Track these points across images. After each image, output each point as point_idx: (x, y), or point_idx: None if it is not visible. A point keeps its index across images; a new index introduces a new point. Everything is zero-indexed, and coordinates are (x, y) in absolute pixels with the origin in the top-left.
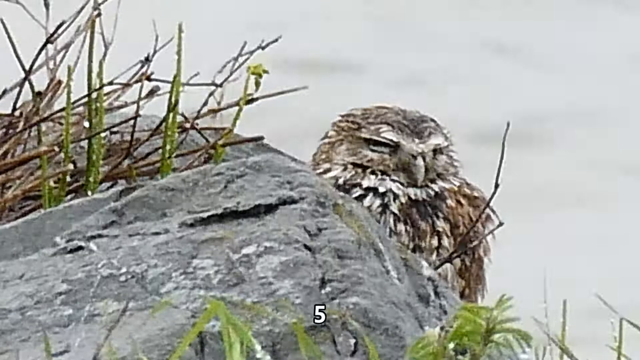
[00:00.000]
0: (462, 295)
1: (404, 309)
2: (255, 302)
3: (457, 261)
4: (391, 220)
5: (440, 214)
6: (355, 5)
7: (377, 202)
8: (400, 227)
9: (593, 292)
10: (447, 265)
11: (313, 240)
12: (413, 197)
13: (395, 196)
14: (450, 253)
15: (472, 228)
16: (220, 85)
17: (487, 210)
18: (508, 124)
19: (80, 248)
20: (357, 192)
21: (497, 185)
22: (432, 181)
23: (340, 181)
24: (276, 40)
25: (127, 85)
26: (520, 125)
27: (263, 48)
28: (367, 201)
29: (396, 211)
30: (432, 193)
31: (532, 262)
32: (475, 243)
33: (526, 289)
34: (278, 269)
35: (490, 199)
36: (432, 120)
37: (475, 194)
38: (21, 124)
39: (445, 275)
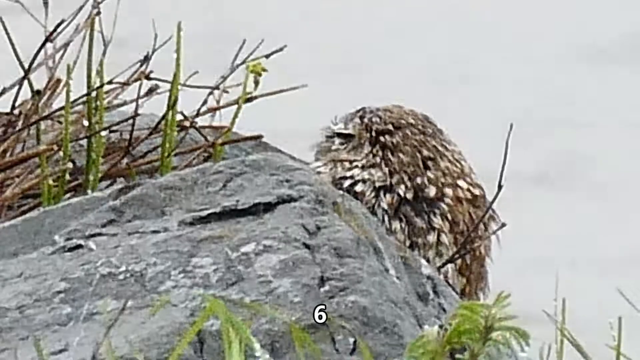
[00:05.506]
0: (463, 294)
1: (402, 307)
2: (254, 301)
3: (458, 259)
4: (386, 218)
5: (437, 211)
6: None
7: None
8: (395, 224)
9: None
10: (448, 263)
11: (312, 238)
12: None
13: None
14: (453, 254)
15: (474, 228)
16: (217, 88)
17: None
18: (511, 126)
19: (79, 246)
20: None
21: (500, 187)
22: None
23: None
24: (281, 49)
25: (126, 84)
26: None
27: (267, 57)
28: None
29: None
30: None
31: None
32: (478, 244)
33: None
34: (277, 267)
35: (493, 200)
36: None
37: (476, 193)
38: (20, 123)
39: (446, 273)
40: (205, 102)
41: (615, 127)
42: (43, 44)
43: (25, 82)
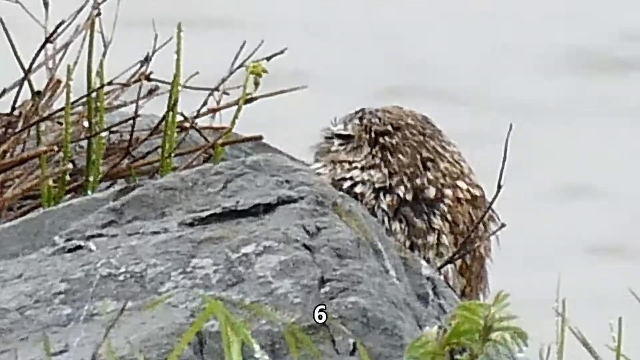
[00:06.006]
0: (463, 294)
1: (402, 308)
2: (254, 302)
3: (458, 260)
4: (386, 219)
5: (437, 212)
6: None
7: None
8: (395, 225)
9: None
10: (448, 264)
11: (312, 239)
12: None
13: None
14: (453, 254)
15: (474, 229)
16: (217, 89)
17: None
18: (511, 126)
19: (79, 247)
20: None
21: (499, 187)
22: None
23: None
24: (282, 52)
25: (126, 85)
26: None
27: (268, 59)
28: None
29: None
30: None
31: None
32: (478, 244)
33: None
34: (277, 268)
35: (493, 200)
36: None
37: (476, 193)
38: (20, 124)
39: (446, 274)
40: (205, 103)
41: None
42: (43, 45)
43: (26, 82)
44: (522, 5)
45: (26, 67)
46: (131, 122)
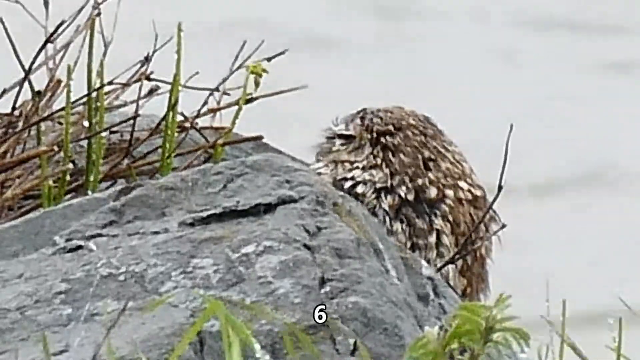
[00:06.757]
0: (464, 295)
1: (403, 308)
2: (254, 302)
3: (459, 260)
4: (387, 219)
5: (438, 212)
6: None
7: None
8: (396, 225)
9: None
10: (449, 264)
11: (312, 239)
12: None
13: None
14: (453, 255)
15: (474, 229)
16: (217, 90)
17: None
18: (511, 126)
19: (79, 247)
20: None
21: (500, 188)
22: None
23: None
24: (282, 53)
25: (126, 84)
26: None
27: (269, 60)
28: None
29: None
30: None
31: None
32: (478, 245)
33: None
34: (277, 268)
35: (494, 201)
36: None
37: (477, 193)
38: (21, 124)
39: (447, 275)
40: (205, 102)
41: None
42: (44, 45)
43: (26, 83)
44: None
45: (26, 67)
46: (131, 122)
